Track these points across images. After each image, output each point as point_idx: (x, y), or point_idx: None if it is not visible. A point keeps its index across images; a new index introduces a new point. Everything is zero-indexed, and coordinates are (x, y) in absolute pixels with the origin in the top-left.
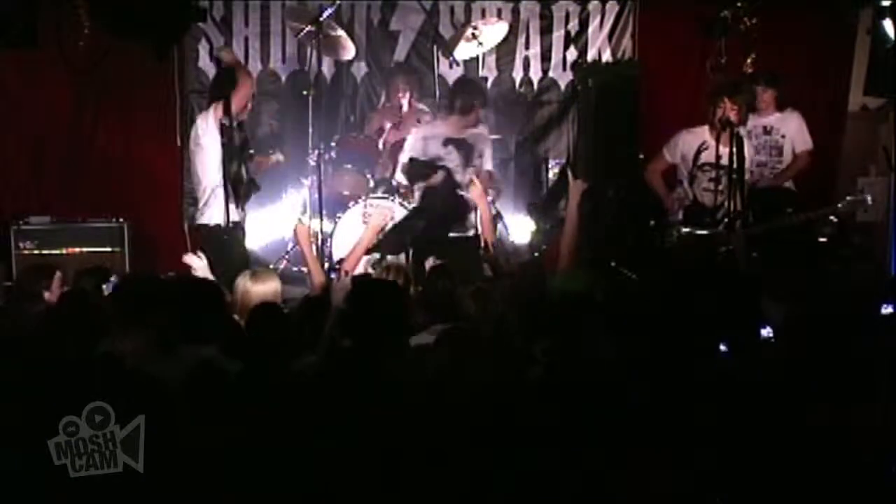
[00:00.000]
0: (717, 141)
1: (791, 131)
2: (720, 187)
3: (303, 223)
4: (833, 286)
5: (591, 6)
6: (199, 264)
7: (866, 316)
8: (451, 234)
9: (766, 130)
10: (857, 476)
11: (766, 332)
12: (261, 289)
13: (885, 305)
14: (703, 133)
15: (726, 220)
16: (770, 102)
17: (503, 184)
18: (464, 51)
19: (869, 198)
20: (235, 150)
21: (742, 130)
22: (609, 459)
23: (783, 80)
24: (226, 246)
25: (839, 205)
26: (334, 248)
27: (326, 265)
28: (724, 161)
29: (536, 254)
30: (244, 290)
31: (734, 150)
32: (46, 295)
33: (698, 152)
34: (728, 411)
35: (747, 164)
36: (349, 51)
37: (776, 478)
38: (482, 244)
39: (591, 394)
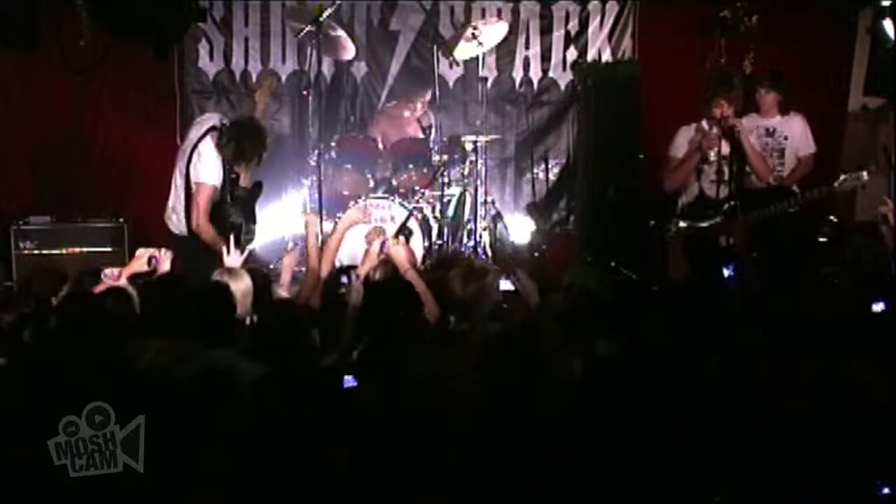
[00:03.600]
0: (720, 140)
1: (795, 135)
2: (723, 179)
3: (313, 215)
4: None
5: (591, 6)
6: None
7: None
8: None
9: (769, 132)
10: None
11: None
12: (237, 286)
13: (875, 303)
14: (702, 126)
15: (725, 209)
16: (773, 105)
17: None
18: (464, 51)
19: (865, 174)
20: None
21: (741, 126)
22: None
23: (786, 83)
24: (192, 256)
25: (835, 183)
26: None
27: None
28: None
29: (537, 254)
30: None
31: (733, 143)
32: (53, 300)
33: (700, 145)
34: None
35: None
36: (349, 51)
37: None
38: None
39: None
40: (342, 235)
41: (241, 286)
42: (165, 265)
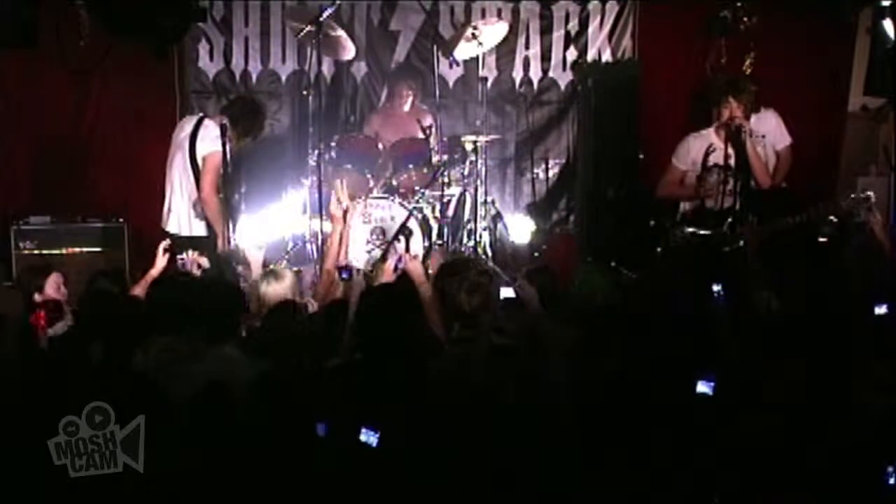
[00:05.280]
0: (727, 143)
1: (770, 130)
2: (728, 188)
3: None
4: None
5: (591, 6)
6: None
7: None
8: None
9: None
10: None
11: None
12: (279, 288)
13: (878, 306)
14: (710, 136)
15: (730, 220)
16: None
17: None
18: (464, 51)
19: (872, 194)
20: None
21: (748, 128)
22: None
23: (749, 85)
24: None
25: (842, 203)
26: None
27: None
28: (732, 161)
29: (537, 254)
30: (264, 292)
31: (739, 147)
32: (37, 296)
33: (707, 155)
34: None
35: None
36: (349, 51)
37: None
38: None
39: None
40: (347, 233)
41: (285, 284)
42: (201, 263)
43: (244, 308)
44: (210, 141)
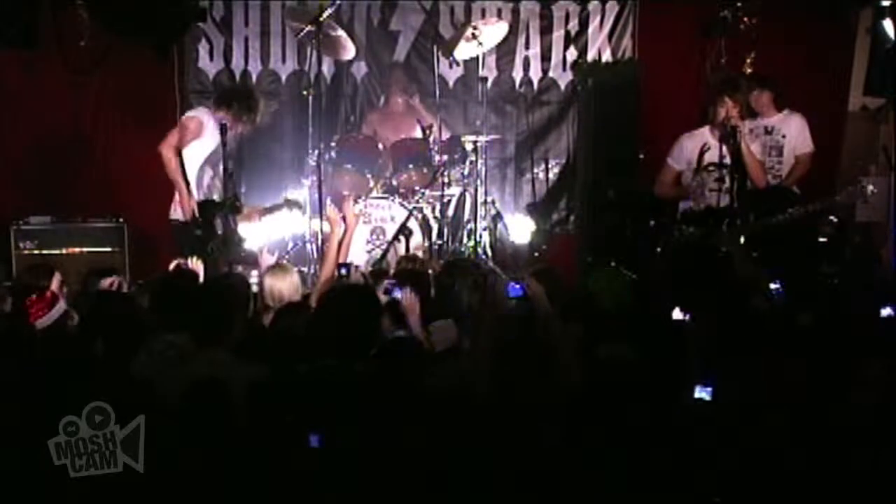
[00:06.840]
0: (721, 141)
1: (792, 133)
2: (724, 186)
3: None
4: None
5: (591, 6)
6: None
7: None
8: None
9: (767, 130)
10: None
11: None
12: (285, 283)
13: (884, 308)
14: (704, 134)
15: (727, 220)
16: (768, 103)
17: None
18: (464, 51)
19: (870, 187)
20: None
21: (744, 129)
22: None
23: (775, 82)
24: (193, 243)
25: (837, 197)
26: None
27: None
28: (728, 160)
29: (537, 254)
30: (270, 285)
31: (734, 148)
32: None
33: (701, 154)
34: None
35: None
36: (349, 51)
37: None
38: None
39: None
40: (351, 235)
41: (289, 281)
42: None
43: (250, 307)
44: (193, 112)
